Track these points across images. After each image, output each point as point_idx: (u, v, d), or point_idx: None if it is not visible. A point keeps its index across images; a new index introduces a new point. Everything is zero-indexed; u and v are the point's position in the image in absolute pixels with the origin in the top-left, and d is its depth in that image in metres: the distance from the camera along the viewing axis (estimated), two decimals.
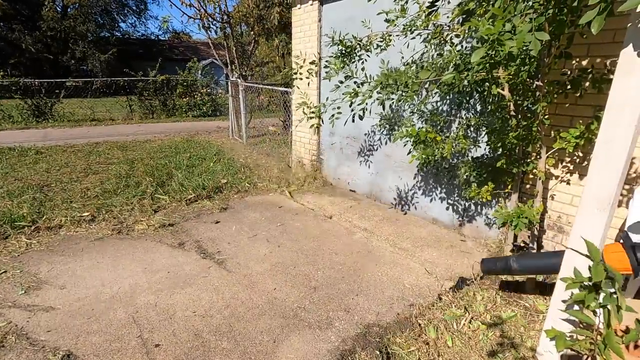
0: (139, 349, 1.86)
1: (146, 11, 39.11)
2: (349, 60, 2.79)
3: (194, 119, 12.59)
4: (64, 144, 7.26)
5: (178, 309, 2.20)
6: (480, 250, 3.04)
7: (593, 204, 1.44)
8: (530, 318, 2.19)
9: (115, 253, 2.88)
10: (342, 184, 4.80)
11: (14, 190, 4.13)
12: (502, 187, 2.76)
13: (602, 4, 1.28)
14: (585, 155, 2.46)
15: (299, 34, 4.94)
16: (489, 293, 2.42)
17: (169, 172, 4.99)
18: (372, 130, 4.15)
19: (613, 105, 1.35)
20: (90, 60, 22.35)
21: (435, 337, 1.99)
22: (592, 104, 2.35)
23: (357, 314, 2.19)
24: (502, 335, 2.02)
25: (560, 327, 1.48)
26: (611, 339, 1.15)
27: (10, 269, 2.59)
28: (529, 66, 2.20)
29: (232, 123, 8.44)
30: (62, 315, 2.11)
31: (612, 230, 2.33)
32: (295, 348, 1.90)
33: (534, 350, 1.86)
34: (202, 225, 3.47)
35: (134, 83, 12.81)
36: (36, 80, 11.66)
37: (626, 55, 1.29)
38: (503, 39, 1.60)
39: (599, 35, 2.16)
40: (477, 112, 3.01)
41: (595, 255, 1.24)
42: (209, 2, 7.73)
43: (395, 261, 2.86)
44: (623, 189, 2.25)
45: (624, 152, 1.34)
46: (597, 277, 1.21)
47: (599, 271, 1.21)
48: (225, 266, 2.72)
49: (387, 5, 2.82)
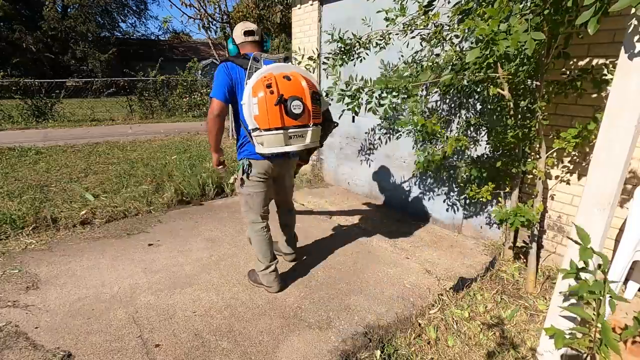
0: (139, 349, 1.86)
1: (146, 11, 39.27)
2: (348, 58, 2.78)
3: (194, 119, 12.60)
4: (64, 144, 7.26)
5: (178, 309, 2.20)
6: (481, 250, 3.05)
7: (593, 204, 1.44)
8: (531, 318, 2.20)
9: (115, 253, 2.88)
10: (342, 183, 4.80)
11: (14, 191, 4.13)
12: (502, 187, 2.76)
13: (597, 4, 1.28)
14: (585, 155, 2.46)
15: (299, 34, 4.95)
16: (489, 293, 2.42)
17: (169, 172, 4.99)
18: (372, 130, 4.15)
19: (613, 105, 1.35)
20: (91, 60, 22.39)
21: (436, 337, 1.99)
22: (592, 104, 2.35)
23: (357, 314, 2.19)
24: (502, 335, 2.03)
25: (559, 325, 1.48)
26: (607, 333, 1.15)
27: (10, 269, 2.59)
28: (527, 66, 2.20)
29: (232, 123, 8.44)
30: (62, 315, 2.11)
31: (612, 230, 2.33)
32: (295, 348, 1.90)
33: (534, 350, 1.86)
34: (202, 225, 3.47)
35: (134, 83, 12.82)
36: (36, 81, 11.68)
37: (626, 56, 1.29)
38: (498, 39, 1.60)
39: (599, 35, 2.17)
40: (477, 112, 3.01)
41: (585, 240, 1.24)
42: (209, 3, 7.74)
43: (395, 261, 2.86)
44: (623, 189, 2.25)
45: (624, 152, 1.34)
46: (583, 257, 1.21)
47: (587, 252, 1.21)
48: (225, 266, 2.72)
49: (386, 5, 2.82)
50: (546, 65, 2.24)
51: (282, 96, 1.84)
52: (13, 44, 20.73)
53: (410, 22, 2.72)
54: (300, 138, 1.99)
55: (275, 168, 2.20)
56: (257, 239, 2.28)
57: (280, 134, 1.90)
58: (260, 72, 1.93)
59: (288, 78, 1.91)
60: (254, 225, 2.29)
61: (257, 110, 1.87)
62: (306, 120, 1.97)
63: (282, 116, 1.87)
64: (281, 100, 1.84)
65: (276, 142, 1.92)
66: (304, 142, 2.01)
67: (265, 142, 1.92)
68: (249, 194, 2.21)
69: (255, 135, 1.94)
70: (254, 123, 1.91)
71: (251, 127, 1.94)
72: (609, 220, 1.45)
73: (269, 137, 1.90)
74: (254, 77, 1.92)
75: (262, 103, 1.84)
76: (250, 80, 1.92)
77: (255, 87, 1.87)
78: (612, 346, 1.13)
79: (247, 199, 2.23)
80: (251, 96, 1.88)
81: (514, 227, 2.36)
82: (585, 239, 1.24)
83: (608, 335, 1.15)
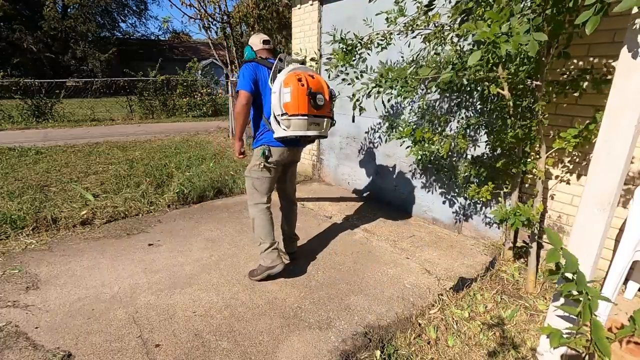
0: (139, 349, 1.86)
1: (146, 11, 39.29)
2: (350, 58, 2.80)
3: (194, 119, 12.60)
4: (64, 144, 7.26)
5: (178, 309, 2.20)
6: (481, 250, 3.04)
7: (593, 204, 1.44)
8: (531, 318, 2.20)
9: (115, 253, 2.88)
10: (342, 183, 4.80)
11: (14, 191, 4.13)
12: (502, 187, 2.76)
13: (598, 4, 1.28)
14: (585, 155, 2.46)
15: (299, 34, 4.95)
16: (489, 293, 2.42)
17: (169, 172, 4.99)
18: (371, 129, 4.15)
19: (613, 105, 1.35)
20: (91, 60, 22.40)
21: (436, 337, 1.99)
22: (592, 104, 2.35)
23: (357, 314, 2.19)
24: (502, 335, 2.02)
25: (558, 324, 1.47)
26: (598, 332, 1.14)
27: (10, 269, 2.59)
28: (527, 66, 2.20)
29: (232, 123, 8.44)
30: (62, 315, 2.11)
31: (612, 230, 2.33)
32: (295, 348, 1.90)
33: (535, 350, 1.86)
34: (202, 225, 3.47)
35: (134, 83, 12.81)
36: (36, 81, 11.68)
37: (626, 55, 1.29)
38: (499, 41, 1.60)
39: (599, 35, 2.18)
40: (477, 111, 3.01)
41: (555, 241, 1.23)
42: (209, 3, 7.74)
43: (395, 261, 2.86)
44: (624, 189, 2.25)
45: (624, 152, 1.34)
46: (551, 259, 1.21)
47: (555, 255, 1.21)
48: (225, 266, 2.72)
49: (387, 6, 2.82)
50: (546, 65, 2.23)
51: (311, 89, 2.20)
52: (13, 44, 20.74)
53: (410, 23, 2.72)
54: (317, 126, 2.33)
55: (290, 154, 2.49)
56: (262, 218, 2.46)
57: (305, 119, 2.23)
58: (288, 69, 2.25)
59: (312, 76, 2.27)
60: (259, 205, 2.48)
61: (289, 98, 2.17)
62: (324, 112, 2.32)
63: (309, 105, 2.21)
64: (311, 93, 2.20)
65: (301, 126, 2.24)
66: (320, 130, 2.35)
67: (292, 125, 2.23)
68: (258, 178, 2.44)
69: (284, 119, 2.22)
70: (282, 109, 2.21)
71: (278, 113, 2.23)
72: (609, 220, 1.44)
73: (296, 121, 2.22)
74: (284, 71, 2.24)
75: (295, 92, 2.16)
76: (280, 74, 2.24)
77: (287, 80, 2.19)
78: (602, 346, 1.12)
79: (256, 182, 2.46)
80: (283, 86, 2.19)
81: (514, 227, 2.36)
82: (556, 242, 1.23)
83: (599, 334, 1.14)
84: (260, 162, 2.39)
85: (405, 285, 2.53)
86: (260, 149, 2.39)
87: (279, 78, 2.23)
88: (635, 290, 2.26)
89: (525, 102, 2.39)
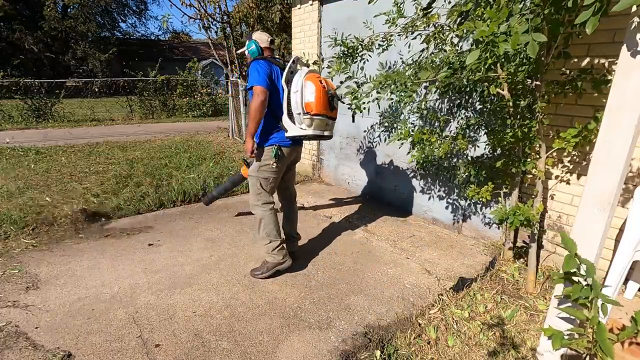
0: (139, 349, 1.86)
1: (146, 11, 39.28)
2: (352, 60, 2.80)
3: (194, 119, 12.60)
4: (64, 144, 7.26)
5: (178, 309, 2.20)
6: (481, 250, 3.04)
7: (593, 204, 1.44)
8: (531, 318, 2.19)
9: (115, 253, 2.88)
10: (342, 183, 4.80)
11: (14, 191, 4.13)
12: (502, 187, 2.76)
13: (597, 4, 1.28)
14: (585, 155, 2.46)
15: (299, 34, 4.95)
16: (489, 293, 2.42)
17: (169, 172, 4.99)
18: (371, 129, 4.15)
19: (613, 105, 1.35)
20: (91, 60, 22.40)
21: (436, 337, 1.99)
22: (592, 104, 2.35)
23: (357, 314, 2.19)
24: (502, 335, 2.02)
25: (558, 325, 1.48)
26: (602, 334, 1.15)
27: (10, 269, 2.59)
28: (527, 66, 2.20)
29: (232, 123, 8.43)
30: (62, 315, 2.11)
31: (612, 230, 2.33)
32: (295, 348, 1.90)
33: (535, 350, 1.86)
34: (202, 225, 3.47)
35: (134, 83, 12.81)
36: (36, 81, 11.67)
37: (626, 55, 1.29)
38: (498, 40, 1.60)
39: (599, 35, 2.17)
40: (477, 112, 3.01)
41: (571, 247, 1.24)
42: (209, 3, 7.75)
43: (395, 261, 2.86)
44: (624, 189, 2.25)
45: (624, 152, 1.34)
46: (568, 267, 1.22)
47: (572, 262, 1.21)
48: (225, 266, 2.72)
49: (386, 6, 2.82)
50: (546, 65, 2.23)
51: (330, 90, 2.28)
52: (13, 44, 20.74)
53: (410, 23, 2.72)
54: (329, 127, 2.40)
55: (295, 153, 2.58)
56: (271, 217, 2.48)
57: (325, 119, 2.31)
58: (305, 70, 2.30)
59: (326, 80, 2.34)
60: (266, 205, 2.49)
61: (312, 98, 2.21)
62: (335, 114, 2.41)
63: (328, 107, 2.29)
64: (334, 95, 2.30)
65: (321, 125, 2.31)
66: (331, 131, 2.44)
67: (314, 124, 2.28)
68: (266, 178, 2.45)
69: (306, 118, 2.26)
70: (302, 108, 2.24)
71: (299, 112, 2.26)
72: (609, 220, 1.44)
73: (317, 120, 2.27)
74: (302, 72, 2.29)
75: (319, 92, 2.22)
76: (298, 74, 2.29)
77: (311, 80, 2.24)
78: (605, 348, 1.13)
79: (263, 182, 2.47)
80: (306, 86, 2.23)
81: (513, 226, 2.36)
82: (571, 247, 1.24)
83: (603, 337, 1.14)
84: (272, 161, 2.39)
85: (405, 285, 2.53)
86: (272, 148, 2.38)
87: (298, 78, 2.26)
88: (635, 290, 2.26)
89: (525, 102, 2.39)
